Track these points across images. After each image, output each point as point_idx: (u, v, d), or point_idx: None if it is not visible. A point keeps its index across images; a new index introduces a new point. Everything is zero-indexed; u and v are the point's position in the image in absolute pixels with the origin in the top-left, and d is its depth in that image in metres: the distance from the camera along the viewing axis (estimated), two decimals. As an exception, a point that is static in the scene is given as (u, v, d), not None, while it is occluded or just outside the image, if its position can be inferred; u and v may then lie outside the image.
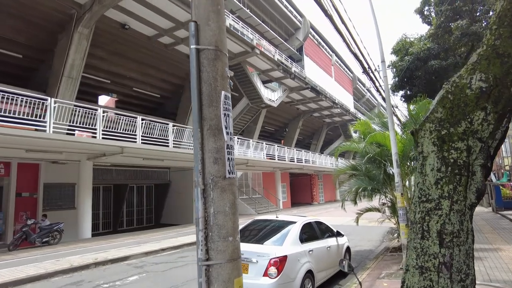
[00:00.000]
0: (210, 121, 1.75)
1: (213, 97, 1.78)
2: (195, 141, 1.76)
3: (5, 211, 13.52)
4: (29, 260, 9.12)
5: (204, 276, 1.60)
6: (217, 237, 1.65)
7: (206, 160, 1.73)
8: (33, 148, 12.31)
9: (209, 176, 1.71)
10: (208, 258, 1.64)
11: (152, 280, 7.26)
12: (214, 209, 1.67)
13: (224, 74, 1.85)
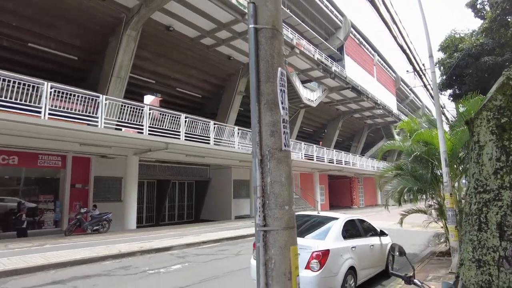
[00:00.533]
0: (267, 96, 1.84)
1: (270, 73, 1.86)
2: (253, 114, 1.85)
3: (62, 200, 14.70)
4: (82, 245, 9.84)
5: (261, 241, 1.68)
6: (274, 205, 1.73)
7: (263, 133, 1.81)
8: (86, 142, 13.23)
9: (266, 148, 1.80)
10: (265, 224, 1.72)
11: (194, 269, 7.52)
12: (271, 178, 1.75)
13: (280, 52, 1.93)
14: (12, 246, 9.53)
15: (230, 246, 10.67)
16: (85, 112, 11.77)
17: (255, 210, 1.76)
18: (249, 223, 16.94)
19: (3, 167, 13.42)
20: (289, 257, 1.72)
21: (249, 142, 18.53)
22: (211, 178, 23.27)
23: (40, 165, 14.29)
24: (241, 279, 6.60)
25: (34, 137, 11.86)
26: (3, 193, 13.96)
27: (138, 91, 20.22)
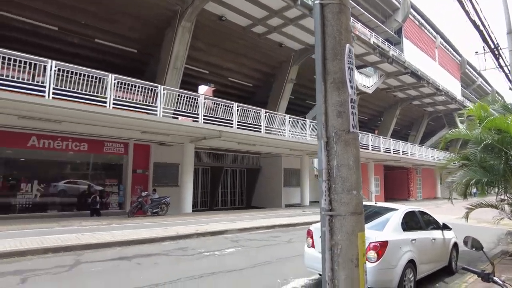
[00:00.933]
0: (333, 74, 1.74)
1: (337, 50, 1.76)
2: (318, 94, 1.77)
3: (125, 184, 15.90)
4: (143, 226, 10.55)
5: (327, 225, 1.62)
6: (341, 189, 1.65)
7: (329, 113, 1.72)
8: (146, 130, 14.05)
9: (332, 129, 1.71)
10: (331, 209, 1.65)
11: (247, 254, 7.69)
12: (338, 162, 1.67)
13: (348, 28, 1.81)
14: (85, 224, 10.53)
15: (281, 233, 10.72)
16: (145, 102, 12.47)
17: (320, 194, 1.70)
18: (299, 212, 16.87)
19: (75, 153, 14.80)
20: (356, 243, 1.64)
21: (300, 131, 18.30)
22: (262, 166, 23.50)
23: (106, 151, 15.52)
24: (293, 266, 6.60)
25: (101, 126, 12.86)
26: (75, 177, 15.44)
27: (192, 82, 20.90)
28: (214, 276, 5.78)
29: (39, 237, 8.00)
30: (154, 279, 5.45)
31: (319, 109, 1.76)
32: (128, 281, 5.31)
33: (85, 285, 5.11)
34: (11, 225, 9.79)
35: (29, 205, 13.59)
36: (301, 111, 25.39)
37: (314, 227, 5.57)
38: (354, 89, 1.77)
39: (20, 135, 13.13)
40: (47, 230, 9.12)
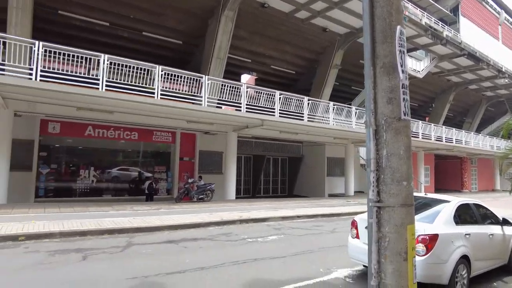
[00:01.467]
0: (383, 58, 1.64)
1: (387, 32, 1.65)
2: (367, 80, 1.69)
3: (172, 171, 16.67)
4: (190, 211, 11.00)
5: (375, 217, 1.56)
6: (390, 180, 1.57)
7: (379, 100, 1.64)
8: (192, 120, 14.49)
9: (382, 116, 1.63)
10: (379, 200, 1.58)
11: (289, 241, 7.72)
12: (387, 151, 1.59)
13: (400, 8, 1.69)
14: (136, 208, 11.22)
15: (324, 222, 10.61)
16: (190, 92, 12.84)
17: (368, 184, 1.63)
18: (343, 202, 16.54)
19: (127, 141, 15.73)
20: (405, 236, 1.56)
21: (345, 118, 17.77)
22: (304, 155, 23.28)
23: (155, 140, 16.31)
24: (337, 256, 6.52)
25: (150, 115, 13.49)
26: (127, 164, 16.43)
27: (235, 71, 21.08)
28: (257, 262, 5.89)
29: (96, 219, 8.67)
30: (200, 263, 5.68)
31: (367, 96, 1.68)
32: (176, 264, 5.59)
33: (137, 265, 5.47)
34: (72, 207, 10.73)
35: (87, 189, 14.79)
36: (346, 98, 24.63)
37: (359, 217, 5.43)
38: (406, 74, 1.66)
39: (78, 125, 14.23)
40: (103, 213, 9.86)
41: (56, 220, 8.28)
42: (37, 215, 9.03)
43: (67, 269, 5.17)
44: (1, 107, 10.94)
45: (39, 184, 13.55)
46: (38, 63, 9.71)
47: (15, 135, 11.88)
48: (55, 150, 14.60)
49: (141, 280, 4.76)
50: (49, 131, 13.75)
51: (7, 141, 11.41)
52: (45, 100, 11.28)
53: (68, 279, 4.73)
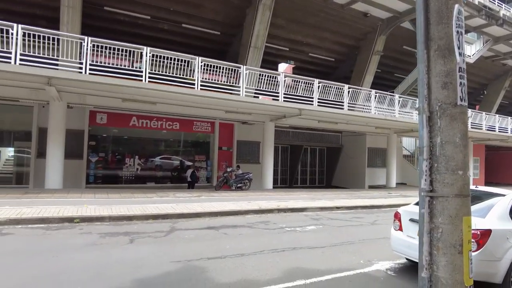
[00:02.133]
0: (438, 40, 1.54)
1: (443, 13, 1.55)
2: (420, 64, 1.60)
3: (211, 160, 17.07)
4: (228, 199, 11.24)
5: (427, 207, 1.50)
6: (444, 169, 1.50)
7: (433, 84, 1.55)
8: (230, 110, 14.69)
9: (436, 102, 1.54)
10: (432, 189, 1.52)
11: (328, 232, 7.65)
12: (442, 138, 1.51)
13: (458, -15, 1.57)
14: (178, 195, 11.68)
15: (365, 214, 10.37)
16: (228, 83, 12.98)
17: (420, 173, 1.57)
18: (384, 194, 16.04)
19: (168, 131, 16.30)
20: (460, 228, 1.48)
21: (388, 107, 17.07)
22: (344, 145, 22.76)
23: (195, 130, 16.75)
24: (378, 248, 6.37)
25: (190, 106, 13.86)
26: (169, 153, 17.06)
27: (272, 60, 20.95)
28: (295, 251, 5.91)
29: (141, 205, 9.15)
30: (239, 249, 5.82)
31: (420, 81, 1.59)
32: (217, 249, 5.77)
33: (180, 249, 5.72)
34: (119, 193, 11.40)
35: (132, 177, 15.59)
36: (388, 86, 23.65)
37: (403, 209, 5.25)
38: (463, 57, 1.55)
39: (123, 116, 14.94)
40: (147, 199, 10.38)
41: (105, 205, 8.85)
42: (88, 199, 9.71)
43: (116, 250, 5.53)
44: (56, 99, 11.76)
45: (89, 171, 14.49)
46: (87, 57, 10.30)
47: (68, 125, 12.75)
48: (103, 139, 15.50)
49: (184, 264, 4.97)
50: (97, 122, 14.60)
51: (62, 131, 12.29)
52: (94, 92, 11.96)
53: (118, 259, 5.06)
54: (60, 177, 12.11)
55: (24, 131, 13.40)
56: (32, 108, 13.15)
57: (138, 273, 4.52)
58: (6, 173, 13.67)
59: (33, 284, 4.04)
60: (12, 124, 13.69)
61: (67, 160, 12.71)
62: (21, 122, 13.44)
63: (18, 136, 13.63)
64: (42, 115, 13.03)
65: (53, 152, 12.00)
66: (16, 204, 8.33)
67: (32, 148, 13.21)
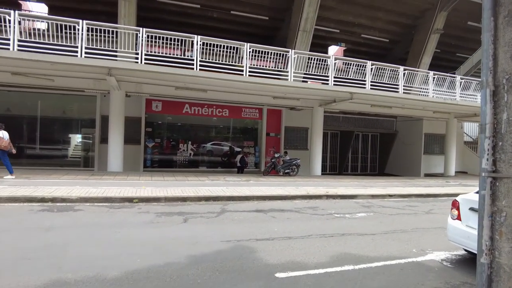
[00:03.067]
0: (509, 5, 1.38)
1: (515, -26, 1.38)
2: (485, 33, 1.46)
3: (259, 146, 17.30)
4: (276, 184, 11.33)
5: (488, 188, 1.38)
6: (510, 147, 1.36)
7: (500, 55, 1.40)
8: (278, 96, 14.64)
9: (503, 75, 1.40)
10: (495, 170, 1.39)
11: (379, 220, 7.40)
12: (508, 114, 1.37)
13: None
14: (228, 179, 12.02)
15: (419, 203, 9.84)
16: (276, 68, 12.90)
17: (481, 152, 1.44)
18: (442, 182, 15.04)
19: (218, 118, 16.75)
20: (528, 213, 1.35)
21: (448, 90, 15.80)
22: (398, 130, 21.62)
23: (243, 116, 17.01)
24: (432, 237, 6.04)
25: (239, 93, 14.04)
26: (219, 139, 17.56)
27: (322, 43, 20.37)
28: (344, 237, 5.83)
29: (194, 187, 9.59)
30: (287, 232, 5.87)
31: (485, 52, 1.45)
32: (265, 231, 5.89)
33: (230, 229, 5.92)
34: (174, 176, 12.03)
35: (185, 161, 16.42)
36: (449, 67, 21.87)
37: (462, 198, 4.89)
38: (539, 22, 1.38)
39: (177, 104, 15.64)
40: (199, 182, 10.84)
41: (161, 187, 9.42)
42: (146, 182, 10.40)
43: (172, 228, 5.89)
44: (116, 89, 12.62)
45: (146, 156, 15.51)
46: (143, 48, 10.86)
47: (126, 113, 13.64)
48: (158, 126, 16.40)
49: (234, 243, 5.16)
50: (152, 109, 15.46)
51: (121, 119, 13.20)
52: (149, 81, 12.63)
53: (173, 236, 5.39)
54: (120, 161, 13.09)
55: (89, 119, 14.65)
56: (95, 97, 14.31)
57: (192, 249, 4.79)
58: (75, 157, 15.07)
59: (100, 251, 4.47)
60: (79, 112, 15.01)
61: (126, 146, 13.67)
62: (86, 111, 14.69)
63: (85, 124, 14.94)
64: (104, 103, 14.13)
65: (114, 138, 12.97)
66: (84, 184, 9.20)
67: (96, 135, 14.45)
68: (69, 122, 15.16)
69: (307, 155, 16.77)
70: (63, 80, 12.31)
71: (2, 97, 13.74)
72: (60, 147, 14.95)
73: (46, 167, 13.24)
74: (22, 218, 6.06)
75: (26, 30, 10.71)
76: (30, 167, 12.86)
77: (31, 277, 3.64)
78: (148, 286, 3.59)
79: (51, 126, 14.87)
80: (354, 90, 13.39)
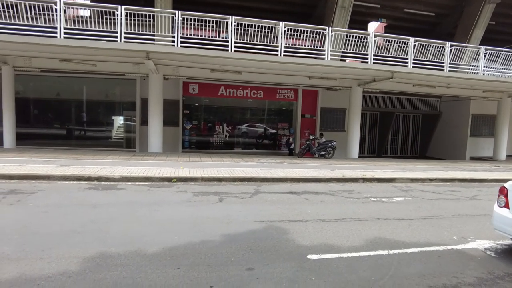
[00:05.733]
0: None
1: None
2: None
3: (294, 128, 17.22)
4: (311, 166, 11.26)
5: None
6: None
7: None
8: (314, 75, 14.31)
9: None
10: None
11: (418, 205, 7.15)
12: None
13: None
14: (262, 161, 12.13)
15: (463, 188, 9.35)
16: (313, 47, 12.56)
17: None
18: (490, 167, 14.10)
19: (253, 100, 16.78)
20: None
21: (501, 66, 14.52)
22: (442, 111, 20.39)
23: (278, 98, 16.88)
24: (475, 225, 5.75)
25: (273, 74, 13.89)
26: (254, 121, 17.63)
27: (361, 19, 19.39)
28: (380, 221, 5.72)
29: (229, 168, 9.80)
30: (321, 215, 5.87)
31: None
32: (298, 213, 5.93)
33: (264, 210, 6.03)
34: (210, 157, 12.35)
35: (221, 143, 16.79)
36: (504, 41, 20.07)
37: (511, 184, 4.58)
38: None
39: (212, 86, 15.85)
40: (234, 164, 11.04)
41: (198, 167, 9.73)
42: (184, 162, 10.78)
43: (208, 207, 6.11)
44: (154, 72, 13.00)
45: (184, 138, 16.03)
46: (179, 30, 11.01)
47: (165, 96, 14.06)
48: (195, 108, 16.76)
49: (267, 224, 5.26)
50: (189, 92, 15.79)
51: (160, 101, 13.65)
52: (184, 64, 12.83)
53: (209, 215, 5.60)
54: (160, 142, 13.63)
55: (130, 101, 15.30)
56: (135, 81, 14.86)
57: (226, 228, 4.96)
58: (118, 138, 15.91)
59: (141, 228, 4.78)
60: (121, 96, 15.70)
61: (165, 128, 14.17)
62: (127, 94, 15.33)
63: (126, 106, 15.63)
64: (143, 87, 14.65)
65: (154, 120, 13.48)
66: (126, 164, 9.72)
67: (137, 117, 15.10)
68: (112, 105, 15.94)
69: (344, 137, 16.38)
70: (104, 65, 12.90)
71: (52, 82, 14.71)
72: (104, 129, 15.84)
73: (92, 148, 14.18)
74: (72, 195, 6.58)
75: (70, 17, 11.25)
76: (78, 148, 13.82)
77: (80, 249, 3.98)
78: (184, 262, 3.79)
79: (96, 109, 15.76)
80: (395, 68, 12.75)
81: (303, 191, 7.87)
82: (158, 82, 13.54)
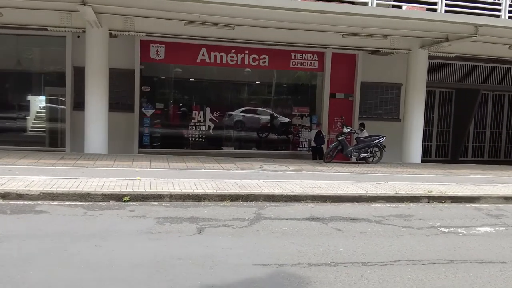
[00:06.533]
0: None
1: None
2: None
3: (319, 115, 17.11)
4: (345, 177, 11.27)
5: None
6: None
7: None
8: (350, 31, 14.32)
9: None
10: None
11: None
12: None
13: None
14: (267, 167, 12.18)
15: None
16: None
17: None
18: None
19: (253, 69, 16.81)
20: None
21: None
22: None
23: (293, 66, 16.87)
24: None
25: (286, 28, 13.90)
26: (254, 103, 17.66)
27: None
28: (454, 265, 5.73)
29: (214, 179, 9.81)
30: (359, 254, 5.87)
31: None
32: (324, 252, 5.92)
33: (269, 247, 6.01)
34: (184, 161, 12.37)
35: (202, 138, 16.72)
36: None
37: None
38: None
39: (188, 47, 15.80)
40: (223, 172, 11.08)
41: (164, 177, 9.75)
42: (142, 169, 10.81)
43: (179, 242, 6.11)
44: (94, 25, 12.97)
45: (143, 130, 15.96)
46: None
47: (112, 63, 14.02)
48: (160, 83, 16.79)
49: (274, 269, 5.26)
50: (151, 57, 15.77)
51: (104, 72, 13.58)
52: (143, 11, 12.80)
53: (182, 255, 5.58)
54: (104, 137, 13.62)
55: (56, 72, 15.33)
56: (64, 39, 14.82)
57: (209, 276, 4.93)
58: (38, 130, 15.85)
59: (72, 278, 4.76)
60: (41, 63, 15.74)
61: (112, 113, 14.18)
62: (52, 60, 15.38)
63: (50, 80, 15.65)
64: (77, 49, 14.62)
65: (94, 101, 13.46)
66: (50, 173, 9.74)
67: (67, 97, 15.06)
68: (27, 78, 15.94)
69: (399, 129, 16.42)
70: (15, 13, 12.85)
71: None
72: (15, 116, 15.77)
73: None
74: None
75: None
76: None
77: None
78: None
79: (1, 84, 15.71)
80: (479, 20, 12.76)
81: (331, 216, 7.89)
82: (101, 41, 13.54)
